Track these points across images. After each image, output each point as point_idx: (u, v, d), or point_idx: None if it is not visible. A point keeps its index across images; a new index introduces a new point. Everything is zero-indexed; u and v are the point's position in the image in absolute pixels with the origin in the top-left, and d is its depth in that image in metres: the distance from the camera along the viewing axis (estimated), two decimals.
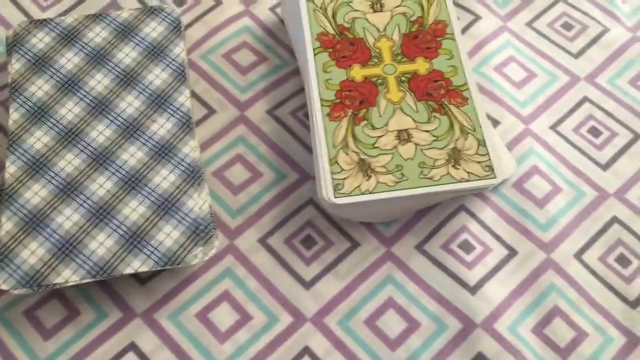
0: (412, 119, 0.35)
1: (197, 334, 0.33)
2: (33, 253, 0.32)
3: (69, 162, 0.34)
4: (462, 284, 0.35)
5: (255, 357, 0.33)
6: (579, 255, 0.36)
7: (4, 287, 0.31)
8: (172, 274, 0.35)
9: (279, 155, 0.39)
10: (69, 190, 0.34)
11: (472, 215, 0.37)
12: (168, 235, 0.33)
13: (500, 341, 0.33)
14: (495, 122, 0.40)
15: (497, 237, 0.36)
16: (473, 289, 0.35)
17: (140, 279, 0.34)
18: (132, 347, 0.32)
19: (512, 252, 0.36)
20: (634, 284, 0.35)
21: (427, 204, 0.35)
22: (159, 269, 0.32)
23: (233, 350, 0.33)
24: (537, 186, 0.38)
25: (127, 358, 0.32)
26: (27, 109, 0.36)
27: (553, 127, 0.40)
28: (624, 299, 0.35)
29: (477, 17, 0.43)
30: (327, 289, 0.35)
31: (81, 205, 0.33)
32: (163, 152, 0.35)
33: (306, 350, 0.33)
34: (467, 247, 0.36)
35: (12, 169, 0.34)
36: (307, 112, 0.40)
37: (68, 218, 0.33)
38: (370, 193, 0.33)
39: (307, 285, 0.35)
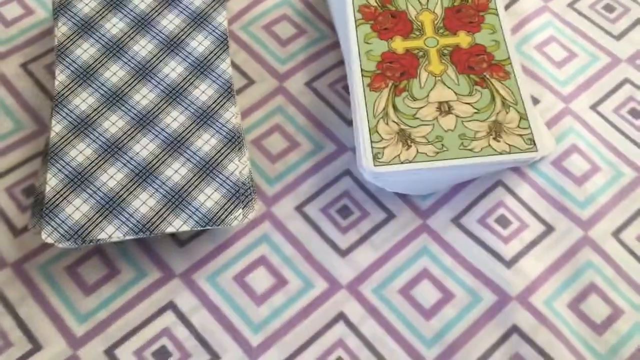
0: (453, 92, 0.35)
1: (234, 295, 0.33)
2: (77, 209, 0.32)
3: (113, 123, 0.35)
4: (498, 257, 0.35)
5: (290, 320, 0.33)
6: (616, 234, 0.36)
7: (49, 240, 0.31)
8: (211, 237, 0.35)
9: (317, 126, 0.39)
10: (112, 150, 0.34)
11: (510, 191, 0.37)
12: (209, 197, 0.33)
13: (536, 315, 0.33)
14: (535, 101, 0.40)
15: (534, 214, 0.36)
16: (509, 263, 0.35)
17: (179, 241, 0.35)
18: (171, 305, 0.33)
19: (549, 229, 0.36)
20: None
21: (465, 177, 0.35)
22: (200, 229, 0.32)
23: (269, 313, 0.33)
24: (575, 164, 0.38)
25: (166, 316, 0.33)
26: (72, 71, 0.36)
27: (593, 107, 0.40)
28: None
29: None
30: (362, 257, 0.35)
31: (125, 165, 0.34)
32: (205, 116, 0.35)
33: (341, 315, 0.33)
34: (503, 222, 0.36)
35: (57, 127, 0.35)
36: (345, 85, 0.40)
37: (112, 177, 0.33)
38: (410, 162, 0.33)
39: (343, 253, 0.35)
